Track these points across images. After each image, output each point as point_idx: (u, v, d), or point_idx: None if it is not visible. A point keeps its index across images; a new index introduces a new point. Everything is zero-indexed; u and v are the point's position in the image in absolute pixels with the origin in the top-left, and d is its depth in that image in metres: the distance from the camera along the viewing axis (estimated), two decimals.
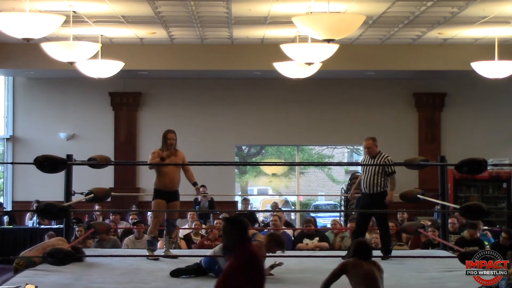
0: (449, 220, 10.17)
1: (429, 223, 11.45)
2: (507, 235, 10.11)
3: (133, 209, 14.11)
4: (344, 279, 7.11)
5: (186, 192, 14.96)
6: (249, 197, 17.33)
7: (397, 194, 9.16)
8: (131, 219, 12.12)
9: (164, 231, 8.54)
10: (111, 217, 12.78)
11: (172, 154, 8.48)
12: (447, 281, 6.41)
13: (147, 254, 8.34)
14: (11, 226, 13.81)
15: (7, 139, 16.66)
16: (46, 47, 10.48)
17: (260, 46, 14.62)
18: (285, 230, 11.21)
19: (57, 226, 12.82)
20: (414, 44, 14.55)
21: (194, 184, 8.64)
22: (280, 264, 7.17)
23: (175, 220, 8.81)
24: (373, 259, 5.62)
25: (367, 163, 8.63)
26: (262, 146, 24.49)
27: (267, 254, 7.19)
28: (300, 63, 11.26)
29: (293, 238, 11.20)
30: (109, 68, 12.27)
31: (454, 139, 16.83)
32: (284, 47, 10.50)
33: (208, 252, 7.62)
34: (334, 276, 5.62)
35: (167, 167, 8.30)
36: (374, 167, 8.40)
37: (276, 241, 7.22)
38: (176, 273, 7.17)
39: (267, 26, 12.77)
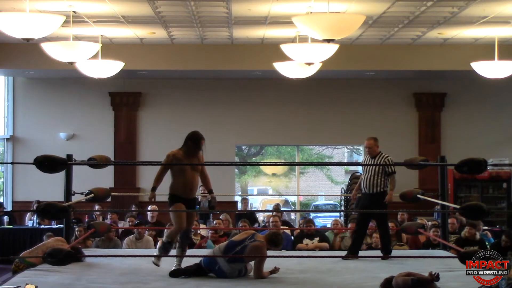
0: (449, 220, 10.17)
1: (426, 221, 11.47)
2: (508, 238, 10.10)
3: (133, 209, 14.10)
4: (345, 279, 7.12)
5: None
6: (249, 197, 17.33)
7: (397, 194, 9.16)
8: (129, 221, 12.07)
9: (177, 243, 7.59)
10: (108, 216, 12.76)
11: (194, 158, 7.55)
12: (447, 281, 6.40)
13: (154, 261, 7.41)
14: (11, 226, 13.81)
15: (7, 139, 16.66)
16: (46, 47, 10.48)
17: (260, 46, 14.62)
18: (285, 230, 11.20)
19: (57, 226, 12.81)
20: (414, 44, 14.55)
21: (210, 191, 7.83)
22: (277, 269, 7.18)
23: (191, 232, 8.05)
24: (374, 259, 5.61)
25: (367, 163, 8.65)
26: (262, 146, 24.51)
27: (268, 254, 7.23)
28: (300, 63, 11.26)
29: (293, 238, 11.20)
30: (109, 68, 12.28)
31: (454, 139, 16.83)
32: (284, 47, 10.50)
33: (208, 252, 7.61)
34: None
35: (188, 172, 7.48)
36: (374, 167, 8.41)
37: (270, 240, 7.29)
38: (175, 273, 7.16)
39: (267, 26, 12.77)
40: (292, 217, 19.06)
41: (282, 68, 12.23)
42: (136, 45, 14.62)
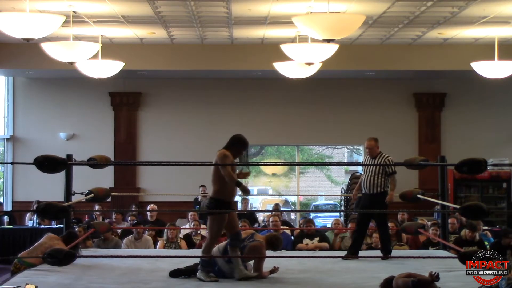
0: (449, 220, 10.17)
1: (426, 221, 11.47)
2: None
3: (133, 209, 14.11)
4: (345, 279, 7.12)
5: (185, 192, 15.06)
6: (249, 197, 17.32)
7: (397, 194, 9.16)
8: (130, 220, 12.09)
9: (231, 245, 7.13)
10: (113, 217, 12.74)
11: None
12: (447, 281, 6.39)
13: (203, 278, 6.90)
14: (11, 226, 13.80)
15: (7, 139, 16.66)
16: (46, 47, 10.48)
17: (260, 46, 14.62)
18: (284, 230, 11.20)
19: (57, 226, 12.81)
20: (414, 44, 14.55)
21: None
22: (277, 269, 7.18)
23: (240, 235, 7.26)
24: (374, 259, 5.61)
25: (367, 163, 8.66)
26: (262, 146, 24.49)
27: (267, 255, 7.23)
28: (300, 63, 11.26)
29: (293, 238, 11.20)
30: (109, 68, 12.28)
31: (454, 139, 16.83)
32: (284, 47, 10.50)
33: None
34: None
35: (234, 174, 7.11)
36: (374, 167, 8.42)
37: (269, 242, 7.29)
38: (175, 274, 7.16)
39: (267, 26, 12.77)
40: (292, 217, 19.05)
41: (282, 68, 12.23)
42: (136, 45, 14.63)
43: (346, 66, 14.81)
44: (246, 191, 7.06)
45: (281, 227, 11.05)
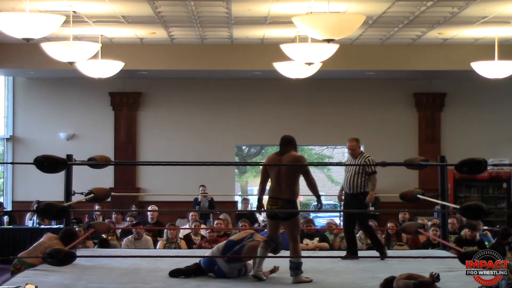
0: (449, 220, 10.17)
1: (426, 221, 11.46)
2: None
3: (133, 209, 14.10)
4: (345, 279, 7.12)
5: (185, 192, 15.07)
6: (249, 197, 17.34)
7: (397, 194, 9.18)
8: (129, 221, 12.08)
9: (265, 244, 7.14)
10: (113, 217, 12.74)
11: None
12: (447, 281, 6.39)
13: (297, 280, 6.95)
14: (11, 226, 13.80)
15: (7, 139, 16.66)
16: (46, 47, 10.48)
17: (260, 46, 14.62)
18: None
19: (57, 226, 12.81)
20: (414, 44, 14.55)
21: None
22: (277, 268, 7.17)
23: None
24: (373, 259, 5.60)
25: (350, 163, 8.77)
26: (262, 146, 24.50)
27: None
28: (300, 63, 11.27)
29: None
30: (109, 68, 12.28)
31: (454, 139, 16.83)
32: (284, 47, 10.51)
33: (207, 252, 7.60)
34: None
35: None
36: (355, 167, 8.51)
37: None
38: (175, 273, 7.15)
39: (267, 26, 12.77)
40: None
41: (282, 68, 12.24)
42: (136, 45, 14.63)
43: (346, 66, 14.80)
44: (321, 204, 7.91)
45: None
